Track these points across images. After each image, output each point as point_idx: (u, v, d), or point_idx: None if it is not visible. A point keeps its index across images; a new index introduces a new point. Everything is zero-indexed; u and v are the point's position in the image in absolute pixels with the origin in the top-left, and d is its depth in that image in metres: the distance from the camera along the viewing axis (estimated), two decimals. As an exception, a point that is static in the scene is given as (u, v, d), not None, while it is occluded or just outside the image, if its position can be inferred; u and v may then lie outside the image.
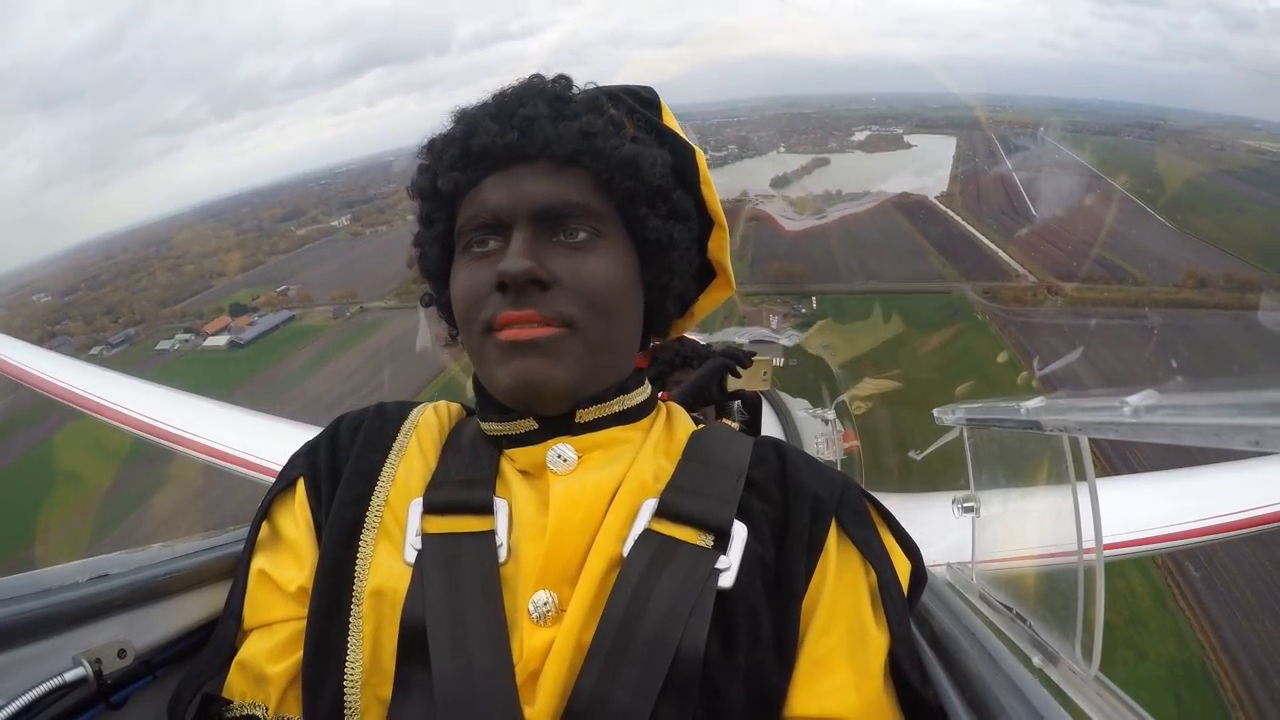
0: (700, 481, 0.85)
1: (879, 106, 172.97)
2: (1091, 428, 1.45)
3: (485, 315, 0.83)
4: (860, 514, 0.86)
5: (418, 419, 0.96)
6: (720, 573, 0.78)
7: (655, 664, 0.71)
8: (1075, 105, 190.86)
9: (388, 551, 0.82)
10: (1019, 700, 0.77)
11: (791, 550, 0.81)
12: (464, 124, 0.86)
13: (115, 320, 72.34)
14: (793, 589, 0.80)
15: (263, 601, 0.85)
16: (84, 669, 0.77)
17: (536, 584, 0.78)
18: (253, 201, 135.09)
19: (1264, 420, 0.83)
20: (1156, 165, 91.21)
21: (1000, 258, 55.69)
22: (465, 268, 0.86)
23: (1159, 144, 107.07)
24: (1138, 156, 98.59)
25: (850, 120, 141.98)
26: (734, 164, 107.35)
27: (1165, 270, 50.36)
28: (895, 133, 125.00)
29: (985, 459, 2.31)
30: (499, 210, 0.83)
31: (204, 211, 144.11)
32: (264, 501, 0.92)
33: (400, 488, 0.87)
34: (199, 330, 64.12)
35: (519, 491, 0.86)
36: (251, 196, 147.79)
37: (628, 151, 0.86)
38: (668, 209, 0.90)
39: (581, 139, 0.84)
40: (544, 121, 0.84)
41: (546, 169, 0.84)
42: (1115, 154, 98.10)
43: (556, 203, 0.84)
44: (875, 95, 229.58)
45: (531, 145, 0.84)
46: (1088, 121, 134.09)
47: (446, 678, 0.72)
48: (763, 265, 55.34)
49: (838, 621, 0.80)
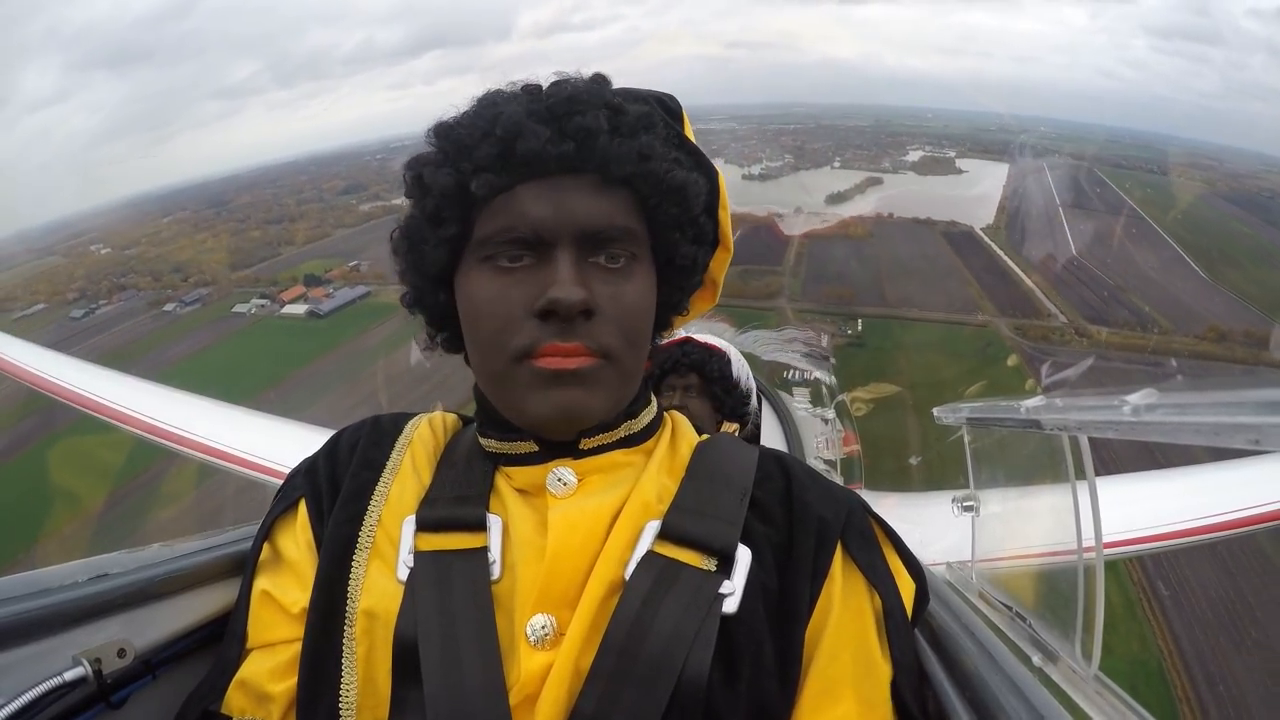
0: (704, 501, 0.83)
1: (934, 124, 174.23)
2: (1091, 427, 1.49)
3: (521, 342, 0.77)
4: (866, 536, 0.85)
5: (412, 434, 0.94)
6: (724, 597, 0.76)
7: (658, 689, 0.70)
8: (1132, 136, 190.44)
9: (380, 570, 0.81)
10: (1019, 700, 0.77)
11: (796, 576, 0.80)
12: (504, 122, 0.76)
13: (185, 279, 75.37)
14: (797, 616, 0.78)
15: (266, 621, 0.84)
16: (84, 668, 0.78)
17: (535, 607, 0.76)
18: (310, 170, 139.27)
19: (1264, 419, 0.84)
20: (1202, 212, 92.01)
21: (1036, 296, 57.51)
22: (491, 283, 0.79)
23: (1210, 186, 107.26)
24: (1185, 199, 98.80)
25: (904, 138, 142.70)
26: (790, 175, 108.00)
27: (1190, 321, 52.38)
28: (948, 156, 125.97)
29: (985, 458, 2.38)
30: (541, 226, 0.77)
31: (260, 174, 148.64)
32: (264, 522, 0.91)
33: (393, 505, 0.85)
34: (275, 297, 66.37)
35: (515, 510, 0.84)
36: (308, 164, 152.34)
37: (678, 178, 0.83)
38: (695, 233, 0.88)
39: (638, 161, 0.79)
40: (604, 137, 0.78)
41: (592, 185, 0.79)
42: (1162, 195, 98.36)
43: (605, 225, 0.79)
44: (931, 111, 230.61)
45: (588, 161, 0.78)
46: (1140, 158, 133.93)
47: (438, 696, 0.71)
48: (814, 285, 57.97)
49: (843, 649, 0.78)
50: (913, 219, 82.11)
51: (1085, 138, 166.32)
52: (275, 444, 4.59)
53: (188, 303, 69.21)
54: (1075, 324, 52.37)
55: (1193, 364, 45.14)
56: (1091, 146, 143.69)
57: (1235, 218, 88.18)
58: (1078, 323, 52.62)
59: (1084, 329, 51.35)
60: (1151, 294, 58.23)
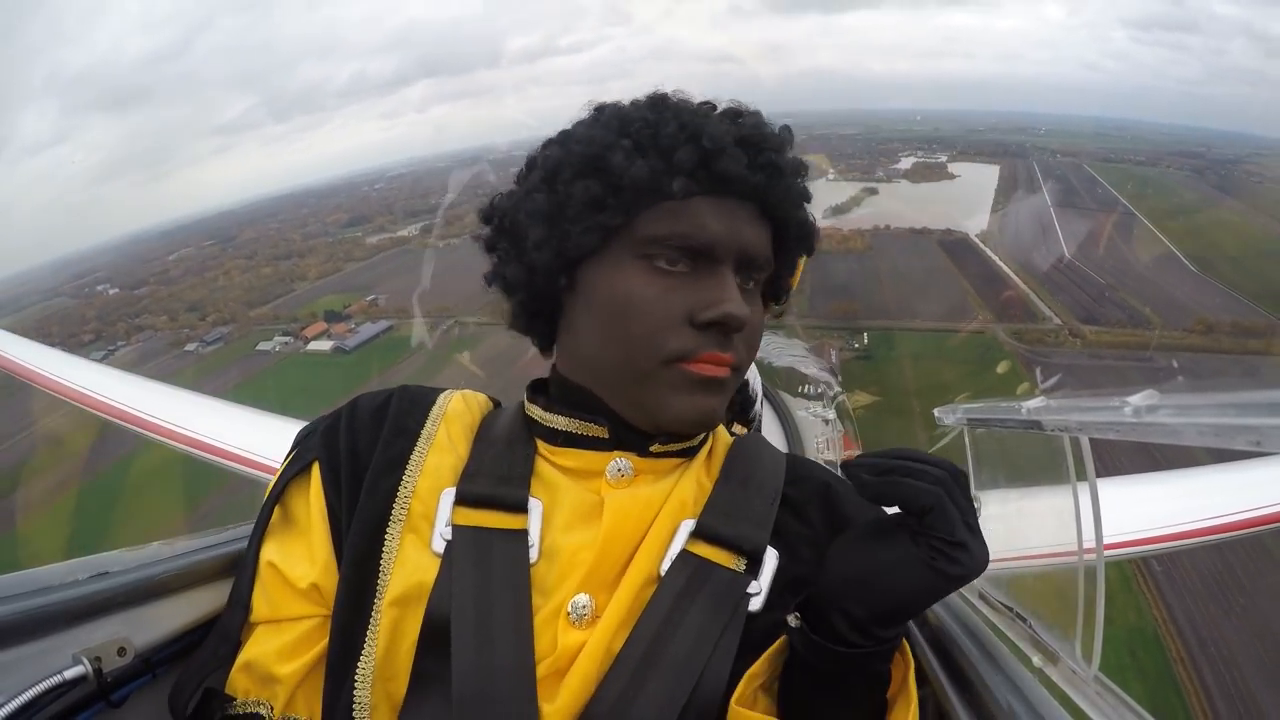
0: (737, 503, 0.86)
1: (923, 127, 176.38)
2: (1092, 428, 1.48)
3: (676, 346, 0.80)
4: None
5: (446, 405, 0.94)
6: (751, 597, 0.80)
7: (680, 683, 0.72)
8: (1119, 126, 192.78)
9: (413, 544, 0.81)
10: (1019, 700, 0.77)
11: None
12: (710, 136, 0.80)
13: (203, 318, 75.17)
14: None
15: (272, 596, 0.83)
16: (83, 667, 0.78)
17: (580, 586, 0.78)
18: (308, 202, 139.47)
19: (1264, 420, 0.84)
20: (1188, 202, 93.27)
21: (1031, 299, 58.82)
22: (652, 284, 0.81)
23: (1196, 176, 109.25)
24: (1173, 191, 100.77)
25: (895, 144, 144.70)
26: None
27: (1180, 315, 53.69)
28: (940, 161, 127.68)
29: (985, 459, 2.34)
30: (716, 240, 0.81)
31: (257, 208, 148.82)
32: (277, 483, 0.88)
33: (430, 477, 0.85)
34: (298, 334, 66.15)
35: (561, 490, 0.85)
36: (306, 196, 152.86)
37: (811, 223, 0.90)
38: (793, 270, 0.94)
39: (794, 203, 0.87)
40: (785, 178, 0.84)
41: (752, 214, 0.84)
42: (1149, 188, 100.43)
43: (760, 253, 0.85)
44: (920, 112, 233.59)
45: (768, 195, 0.83)
46: (1129, 149, 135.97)
47: (466, 672, 0.71)
48: (821, 300, 58.38)
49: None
50: (909, 229, 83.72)
51: (1074, 132, 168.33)
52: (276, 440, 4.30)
53: (209, 342, 69.27)
54: (1069, 325, 53.96)
55: (1183, 357, 46.55)
56: (1081, 141, 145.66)
57: (1225, 207, 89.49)
58: (1071, 324, 54.09)
59: (1077, 329, 52.96)
60: (1143, 290, 59.57)
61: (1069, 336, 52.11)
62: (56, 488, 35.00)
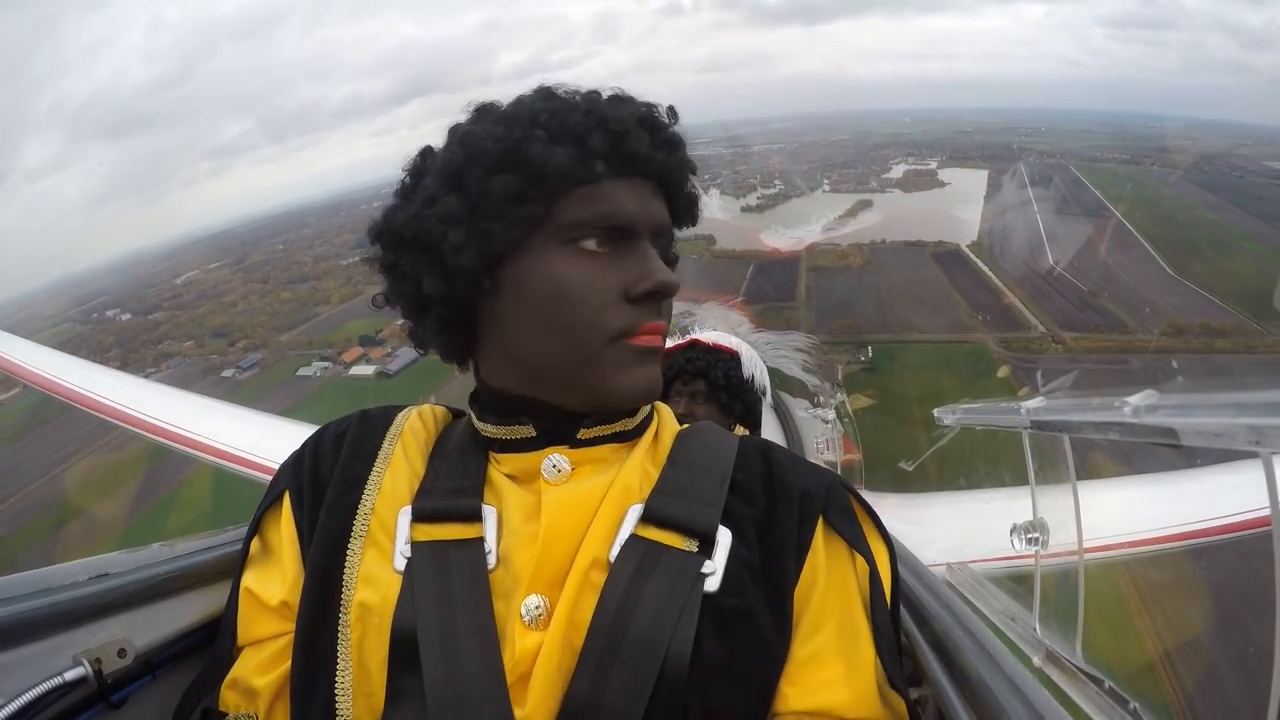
0: (685, 486, 0.87)
1: (911, 129, 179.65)
2: (1091, 428, 1.49)
3: (618, 323, 0.84)
4: (846, 511, 0.89)
5: (403, 424, 0.97)
6: (706, 577, 0.80)
7: (645, 667, 0.73)
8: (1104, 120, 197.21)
9: (375, 559, 0.83)
10: (1019, 700, 0.78)
11: (780, 549, 0.83)
12: (615, 120, 0.84)
13: (231, 344, 75.99)
14: (782, 587, 0.82)
15: (250, 620, 0.88)
16: (84, 668, 0.79)
17: (529, 588, 0.79)
18: (308, 221, 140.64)
19: (1264, 420, 0.86)
20: (1171, 204, 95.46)
21: (1018, 309, 60.78)
22: (584, 267, 0.84)
23: (1179, 174, 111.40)
24: (1157, 192, 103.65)
25: (885, 150, 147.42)
26: (783, 205, 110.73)
27: (1156, 317, 56.54)
28: (930, 168, 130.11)
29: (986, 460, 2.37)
30: (634, 218, 0.85)
31: (257, 227, 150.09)
32: (254, 517, 0.93)
33: (387, 496, 0.88)
34: (335, 359, 68.06)
35: (508, 498, 0.87)
36: (303, 214, 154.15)
37: (696, 194, 0.97)
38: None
39: (685, 177, 0.94)
40: (680, 153, 0.91)
41: (653, 189, 0.89)
42: (1134, 188, 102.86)
43: (666, 224, 0.91)
44: (907, 113, 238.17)
45: (668, 171, 0.90)
46: (1114, 145, 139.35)
47: (438, 682, 0.73)
48: (826, 317, 61.09)
49: (828, 618, 0.82)
50: (904, 242, 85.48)
51: (1059, 129, 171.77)
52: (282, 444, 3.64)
53: (245, 368, 70.56)
54: (1052, 332, 56.64)
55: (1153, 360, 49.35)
56: (1066, 139, 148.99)
57: (1205, 205, 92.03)
58: (1054, 331, 56.63)
59: (1059, 337, 55.72)
60: (1122, 295, 62.11)
61: (1051, 343, 55.28)
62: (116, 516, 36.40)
